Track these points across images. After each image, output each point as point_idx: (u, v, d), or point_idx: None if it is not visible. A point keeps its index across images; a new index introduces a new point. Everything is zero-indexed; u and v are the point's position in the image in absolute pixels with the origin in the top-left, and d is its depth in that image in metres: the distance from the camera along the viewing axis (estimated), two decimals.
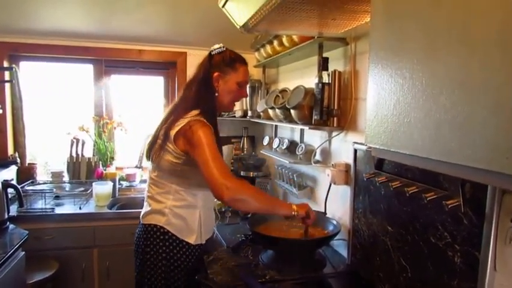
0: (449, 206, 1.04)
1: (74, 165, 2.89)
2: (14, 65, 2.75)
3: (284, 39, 2.05)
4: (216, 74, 1.56)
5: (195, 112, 1.50)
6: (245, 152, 2.99)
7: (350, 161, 1.64)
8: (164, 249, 1.52)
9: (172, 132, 1.47)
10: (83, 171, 2.91)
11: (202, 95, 1.55)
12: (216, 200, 2.02)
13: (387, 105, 0.76)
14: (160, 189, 1.57)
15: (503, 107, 0.52)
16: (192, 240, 1.56)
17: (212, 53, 1.60)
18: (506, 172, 0.51)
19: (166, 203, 1.54)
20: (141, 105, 3.20)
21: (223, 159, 1.40)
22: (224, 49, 1.61)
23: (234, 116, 2.88)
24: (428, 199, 1.11)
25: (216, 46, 1.62)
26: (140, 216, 1.63)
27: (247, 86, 1.70)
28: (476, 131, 0.56)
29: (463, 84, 0.58)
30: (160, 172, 1.56)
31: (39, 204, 2.47)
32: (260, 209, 1.50)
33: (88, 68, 3.03)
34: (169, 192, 1.54)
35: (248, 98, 2.75)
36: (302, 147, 2.03)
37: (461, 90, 0.59)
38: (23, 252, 1.99)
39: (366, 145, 0.85)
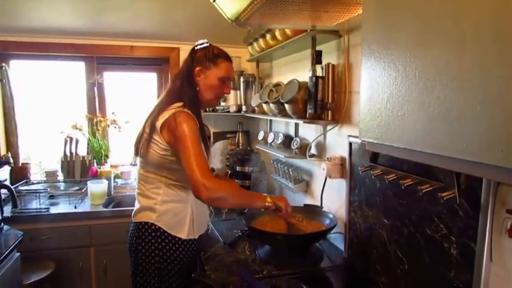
0: (445, 198, 1.04)
1: (68, 164, 2.87)
2: (4, 64, 2.70)
3: (277, 33, 2.03)
4: (197, 68, 1.57)
5: (178, 104, 1.51)
6: (240, 147, 2.98)
7: (345, 155, 1.63)
8: (157, 245, 1.51)
9: (158, 124, 1.46)
10: (77, 170, 2.88)
11: (185, 89, 1.55)
12: None
13: (380, 98, 0.75)
14: (149, 185, 1.55)
15: (497, 99, 0.51)
16: (183, 235, 1.54)
17: (195, 48, 1.60)
18: (502, 165, 0.50)
19: (156, 199, 1.53)
20: (135, 102, 3.17)
21: (204, 155, 1.40)
22: (208, 45, 1.61)
23: (229, 111, 2.86)
24: (423, 191, 1.11)
25: (200, 41, 1.62)
26: (132, 215, 1.61)
27: (231, 82, 1.69)
28: (470, 124, 0.55)
29: (457, 77, 0.58)
30: (149, 167, 1.55)
31: (34, 204, 2.44)
32: (237, 205, 1.56)
33: (80, 66, 2.99)
34: (160, 187, 1.53)
35: (242, 93, 2.74)
36: (297, 142, 2.03)
37: (454, 83, 0.58)
38: (18, 253, 1.97)
39: (360, 139, 0.85)
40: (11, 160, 2.70)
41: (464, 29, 0.57)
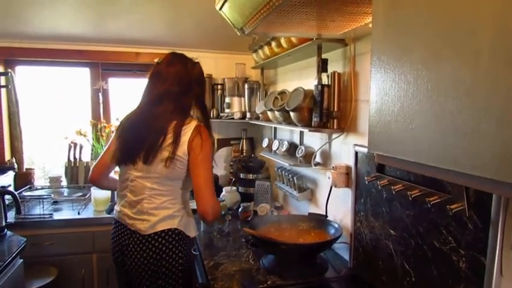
0: (454, 210, 1.02)
1: (72, 169, 2.87)
2: (9, 70, 2.71)
3: (282, 41, 2.03)
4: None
5: (193, 117, 1.60)
6: (244, 154, 2.97)
7: (351, 163, 1.62)
8: (180, 249, 1.55)
9: (184, 139, 1.50)
10: (81, 176, 2.88)
11: (203, 99, 1.68)
12: None
13: (390, 111, 0.74)
14: (165, 197, 1.55)
15: None
16: (193, 233, 1.63)
17: (200, 65, 1.69)
18: None
19: (175, 207, 1.57)
20: None
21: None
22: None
23: (233, 118, 2.85)
24: (431, 203, 1.09)
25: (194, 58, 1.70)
26: (144, 231, 1.51)
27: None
28: (485, 139, 0.54)
29: (470, 91, 0.56)
30: (166, 181, 1.54)
31: (37, 210, 2.44)
32: None
33: (85, 72, 3.00)
34: (176, 197, 1.58)
35: (247, 100, 2.73)
36: (302, 150, 2.01)
37: (468, 97, 0.57)
38: (21, 260, 1.97)
39: (369, 151, 0.83)
40: (16, 165, 2.70)
41: (478, 43, 0.56)
